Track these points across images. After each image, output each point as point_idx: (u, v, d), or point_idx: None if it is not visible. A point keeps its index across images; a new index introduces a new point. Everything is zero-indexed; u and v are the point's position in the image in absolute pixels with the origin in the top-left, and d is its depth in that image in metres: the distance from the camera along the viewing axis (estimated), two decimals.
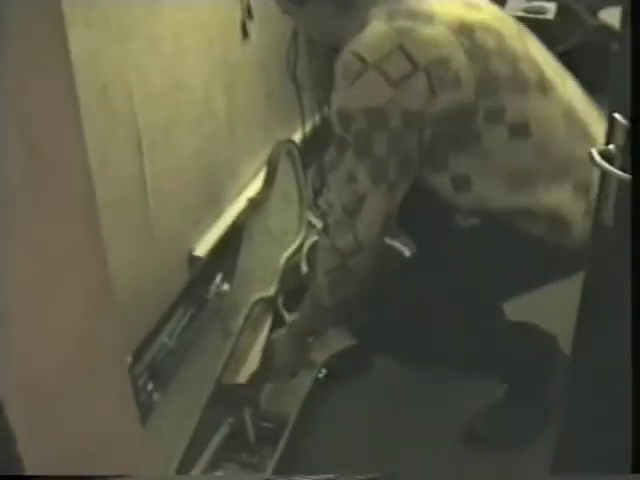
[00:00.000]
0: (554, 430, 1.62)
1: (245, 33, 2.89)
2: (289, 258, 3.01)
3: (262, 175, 2.94)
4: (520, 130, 1.97)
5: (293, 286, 2.88)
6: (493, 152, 1.99)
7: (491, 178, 2.01)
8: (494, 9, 2.11)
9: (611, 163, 1.16)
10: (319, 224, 3.25)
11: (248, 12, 2.89)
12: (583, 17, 4.10)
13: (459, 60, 1.91)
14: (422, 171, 2.03)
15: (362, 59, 1.89)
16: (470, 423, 2.42)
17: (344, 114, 1.96)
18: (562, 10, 4.05)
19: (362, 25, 1.97)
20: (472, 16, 1.99)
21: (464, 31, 1.94)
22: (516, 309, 2.32)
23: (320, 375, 2.52)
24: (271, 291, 2.83)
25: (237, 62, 2.88)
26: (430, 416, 2.44)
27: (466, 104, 1.93)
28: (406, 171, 2.00)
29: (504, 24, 2.07)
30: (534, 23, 3.82)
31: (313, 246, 3.11)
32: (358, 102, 1.93)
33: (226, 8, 2.76)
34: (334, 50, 2.17)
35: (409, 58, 1.88)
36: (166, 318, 2.55)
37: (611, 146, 1.17)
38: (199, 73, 2.61)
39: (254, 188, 2.97)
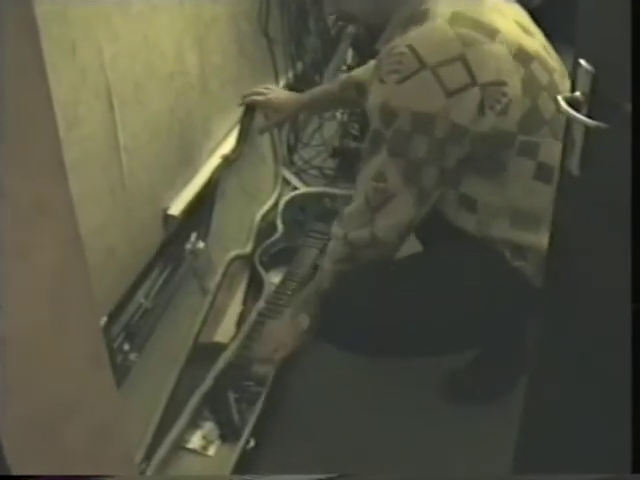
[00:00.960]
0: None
1: None
2: (264, 215, 3.01)
3: (236, 132, 2.93)
4: (545, 173, 1.93)
5: (269, 243, 2.89)
6: (512, 186, 1.96)
7: (498, 209, 1.99)
8: (543, 39, 2.07)
9: (577, 110, 1.15)
10: (294, 180, 3.25)
11: None
12: None
13: (514, 87, 1.88)
14: None
15: (420, 58, 1.83)
16: (451, 376, 2.43)
17: (388, 110, 1.90)
18: None
19: (415, 15, 1.92)
20: (530, 44, 1.95)
21: (522, 58, 1.90)
22: None
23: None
24: (247, 248, 2.83)
25: (208, 18, 2.84)
26: (411, 370, 2.44)
27: (506, 133, 1.90)
28: (441, 183, 1.96)
29: (552, 58, 2.03)
30: None
31: (288, 203, 3.11)
32: (407, 102, 1.88)
33: None
34: (365, 30, 2.13)
35: (469, 71, 1.84)
36: (142, 278, 2.53)
37: (577, 93, 1.16)
38: (170, 30, 2.57)
39: (228, 145, 2.95)
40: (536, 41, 2.00)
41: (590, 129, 1.15)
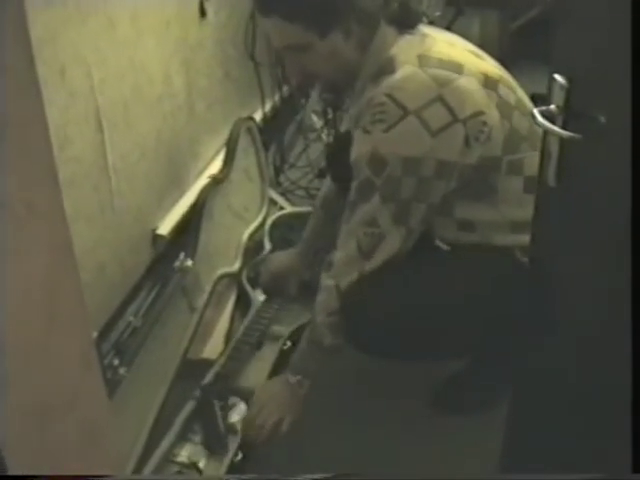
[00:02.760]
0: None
1: (203, 13, 2.91)
2: (252, 234, 3.03)
3: (223, 153, 2.97)
4: (534, 185, 1.96)
5: (257, 261, 2.92)
6: (505, 203, 2.02)
7: (496, 224, 2.04)
8: (492, 59, 2.12)
9: (552, 122, 1.19)
10: (281, 201, 3.29)
11: None
12: None
13: (492, 115, 1.94)
14: None
15: (401, 105, 1.88)
16: (438, 389, 2.45)
17: (378, 159, 1.94)
18: None
19: (381, 64, 1.97)
20: (490, 68, 2.02)
21: (490, 84, 1.97)
22: None
23: (285, 347, 2.55)
24: (235, 267, 2.86)
25: (195, 42, 2.89)
26: (397, 384, 2.46)
27: (493, 158, 1.97)
28: (426, 219, 2.02)
29: (508, 75, 2.09)
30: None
31: (275, 222, 3.14)
32: (396, 148, 1.92)
33: None
34: (331, 86, 2.16)
35: (449, 109, 1.89)
36: (131, 296, 2.57)
37: (552, 106, 1.21)
38: (158, 53, 2.62)
39: (216, 166, 2.99)
40: (491, 64, 2.07)
41: (565, 141, 1.20)
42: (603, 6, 1.15)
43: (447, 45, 2.03)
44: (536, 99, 2.23)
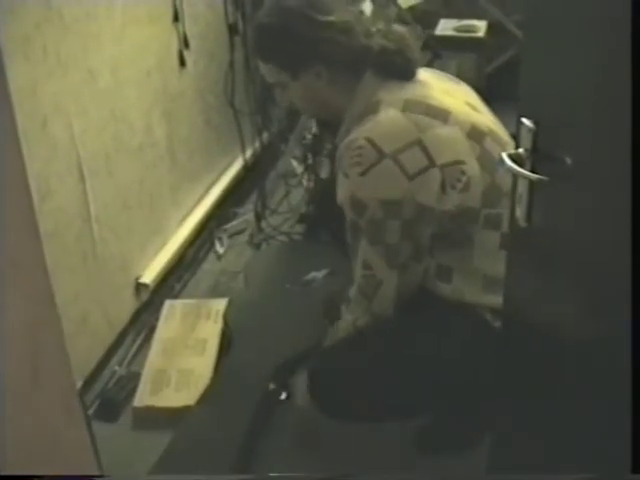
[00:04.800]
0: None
1: (182, 62, 2.94)
2: None
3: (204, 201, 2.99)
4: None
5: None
6: (480, 256, 2.02)
7: (471, 276, 2.04)
8: (492, 115, 2.14)
9: (521, 166, 1.22)
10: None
11: (184, 42, 2.94)
12: (514, 33, 4.16)
13: (472, 166, 1.94)
14: None
15: (378, 148, 1.90)
16: (420, 430, 2.45)
17: (357, 202, 1.96)
18: (493, 27, 4.08)
19: (367, 106, 1.99)
20: (481, 121, 2.03)
21: (475, 136, 1.97)
22: None
23: (270, 389, 2.55)
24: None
25: (175, 91, 2.92)
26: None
27: (470, 209, 1.97)
28: (417, 257, 2.03)
29: (503, 132, 2.09)
30: (465, 42, 3.92)
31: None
32: (373, 192, 1.94)
33: (163, 39, 2.81)
34: (321, 121, 2.19)
35: (426, 154, 1.90)
36: (115, 346, 2.58)
37: (520, 149, 1.23)
38: (138, 103, 2.64)
39: (198, 214, 3.02)
40: (486, 118, 2.08)
41: (535, 183, 1.22)
42: (569, 49, 1.18)
43: (441, 93, 2.04)
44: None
